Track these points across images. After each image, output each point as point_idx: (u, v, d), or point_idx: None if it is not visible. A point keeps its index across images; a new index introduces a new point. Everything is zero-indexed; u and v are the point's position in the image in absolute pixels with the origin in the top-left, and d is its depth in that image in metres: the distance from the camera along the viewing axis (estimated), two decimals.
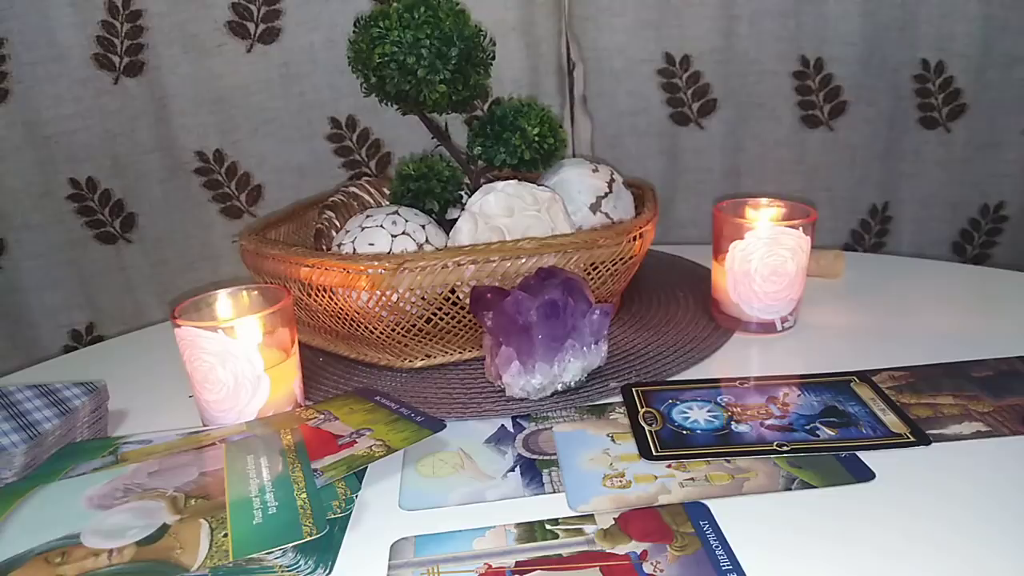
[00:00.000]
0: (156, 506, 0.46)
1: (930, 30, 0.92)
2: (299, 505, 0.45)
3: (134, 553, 0.42)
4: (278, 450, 0.51)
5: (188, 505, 0.46)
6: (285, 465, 0.49)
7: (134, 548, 0.42)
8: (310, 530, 0.43)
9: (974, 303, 0.74)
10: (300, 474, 0.48)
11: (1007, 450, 0.49)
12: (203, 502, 0.46)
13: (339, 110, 0.96)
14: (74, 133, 0.88)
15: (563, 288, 0.57)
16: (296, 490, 0.46)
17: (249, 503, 0.46)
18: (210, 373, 0.54)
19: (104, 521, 0.45)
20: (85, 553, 0.42)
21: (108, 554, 0.42)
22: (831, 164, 1.00)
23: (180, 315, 0.56)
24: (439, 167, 0.71)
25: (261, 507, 0.45)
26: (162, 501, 0.46)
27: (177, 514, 0.45)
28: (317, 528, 0.43)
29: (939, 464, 0.48)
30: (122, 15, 0.86)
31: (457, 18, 0.65)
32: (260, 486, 0.47)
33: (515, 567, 0.41)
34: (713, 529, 0.43)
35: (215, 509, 0.45)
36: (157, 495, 0.47)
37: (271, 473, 0.48)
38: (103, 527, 0.44)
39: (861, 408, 0.55)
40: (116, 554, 0.42)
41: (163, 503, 0.46)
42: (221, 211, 0.97)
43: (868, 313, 0.73)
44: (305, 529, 0.43)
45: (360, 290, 0.59)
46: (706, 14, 0.94)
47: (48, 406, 0.56)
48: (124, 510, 0.46)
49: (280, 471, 0.48)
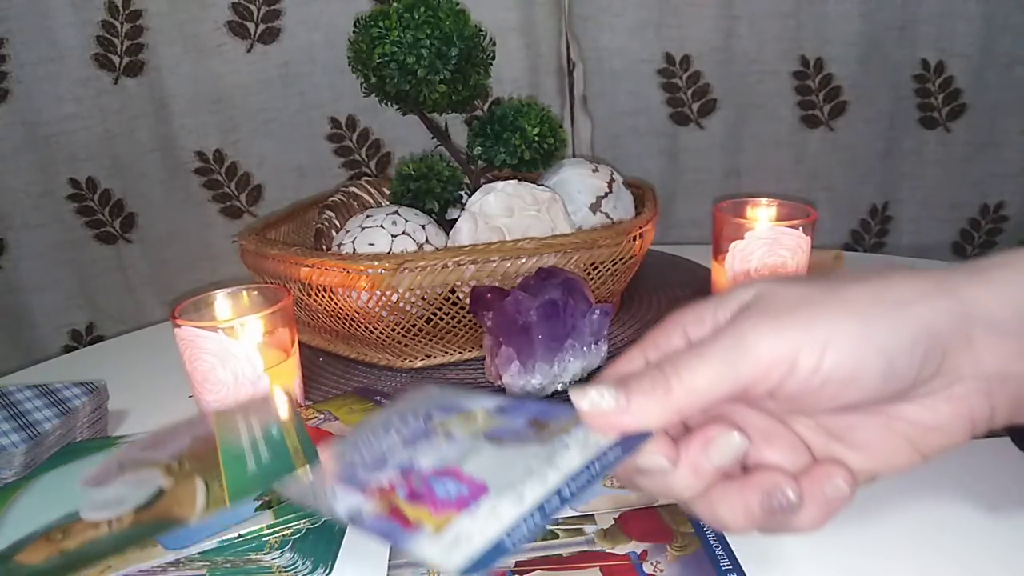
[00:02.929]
0: (151, 474, 0.46)
1: (930, 30, 0.92)
2: (291, 450, 0.45)
3: (132, 518, 0.42)
4: (269, 414, 0.50)
5: (183, 468, 0.46)
6: (277, 423, 0.49)
7: (132, 514, 0.43)
8: (303, 461, 0.42)
9: None
10: (291, 426, 0.48)
11: (1007, 450, 0.49)
12: (196, 463, 0.46)
13: (339, 110, 0.96)
14: (74, 133, 0.88)
15: (563, 288, 0.57)
16: (288, 440, 0.46)
17: (241, 452, 0.45)
18: (210, 373, 0.54)
19: (101, 495, 0.45)
20: (85, 527, 0.42)
21: (108, 524, 0.42)
22: (831, 164, 1.00)
23: (180, 315, 0.55)
24: (439, 167, 0.71)
25: (254, 456, 0.45)
26: (156, 469, 0.46)
27: (171, 477, 0.45)
28: (309, 461, 0.42)
29: (939, 464, 0.48)
30: (122, 15, 0.86)
31: (457, 18, 0.65)
32: (252, 440, 0.47)
33: (515, 567, 0.41)
34: (713, 529, 0.43)
35: (210, 468, 0.45)
36: (151, 464, 0.47)
37: (262, 430, 0.48)
38: (100, 500, 0.44)
39: None
40: (116, 522, 0.42)
41: (157, 470, 0.46)
42: (221, 211, 0.97)
43: None
44: (297, 462, 0.42)
45: (360, 290, 0.59)
46: (706, 14, 0.94)
47: (48, 406, 0.56)
48: (120, 483, 0.46)
49: (271, 425, 0.48)
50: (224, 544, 0.44)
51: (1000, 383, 0.28)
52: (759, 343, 0.27)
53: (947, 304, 0.27)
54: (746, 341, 0.27)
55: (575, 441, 0.28)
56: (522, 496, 0.26)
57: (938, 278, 0.28)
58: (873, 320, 0.27)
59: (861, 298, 0.28)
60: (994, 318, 0.27)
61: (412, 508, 0.28)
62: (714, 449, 0.28)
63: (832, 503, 0.29)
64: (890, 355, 0.27)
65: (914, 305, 0.27)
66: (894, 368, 0.27)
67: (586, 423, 0.29)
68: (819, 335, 0.27)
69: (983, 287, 0.28)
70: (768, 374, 0.27)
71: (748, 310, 0.29)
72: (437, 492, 0.28)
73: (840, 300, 0.28)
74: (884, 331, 0.27)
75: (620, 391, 0.28)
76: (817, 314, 0.27)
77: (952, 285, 0.28)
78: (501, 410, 0.32)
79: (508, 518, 0.25)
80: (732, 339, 0.28)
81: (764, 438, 0.30)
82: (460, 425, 0.32)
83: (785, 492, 0.28)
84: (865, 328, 0.27)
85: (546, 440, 0.29)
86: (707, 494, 0.29)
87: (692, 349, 0.28)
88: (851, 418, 0.30)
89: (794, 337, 0.27)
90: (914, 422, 0.29)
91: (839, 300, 0.28)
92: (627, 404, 0.28)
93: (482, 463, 0.29)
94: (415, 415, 0.36)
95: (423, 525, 0.26)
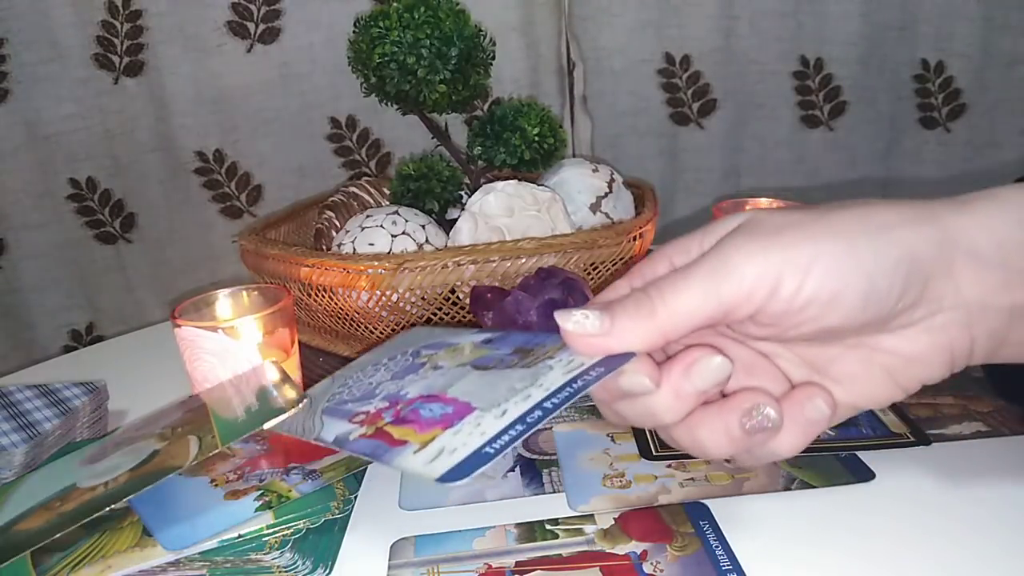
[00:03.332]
0: (146, 444, 0.47)
1: (930, 30, 0.92)
2: (279, 395, 0.46)
3: (128, 476, 0.43)
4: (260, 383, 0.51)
5: (175, 433, 0.46)
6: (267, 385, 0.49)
7: (128, 473, 0.43)
8: (289, 403, 0.43)
9: None
10: (280, 380, 0.48)
11: (1007, 450, 0.49)
12: (189, 426, 0.47)
13: (339, 110, 0.96)
14: (74, 133, 0.88)
15: (563, 288, 0.57)
16: (276, 389, 0.47)
17: (232, 409, 0.47)
18: (210, 373, 0.54)
19: (97, 467, 0.46)
20: (82, 492, 0.43)
21: (104, 485, 0.43)
22: (831, 164, 1.00)
23: (180, 315, 0.55)
24: (439, 167, 0.71)
25: (244, 409, 0.46)
26: (151, 439, 0.47)
27: (165, 441, 0.46)
28: (295, 402, 0.43)
29: (939, 464, 0.48)
30: (122, 15, 0.86)
31: (457, 18, 0.65)
32: (243, 400, 0.48)
33: (515, 567, 0.41)
34: (713, 529, 0.43)
35: (202, 427, 0.46)
36: (146, 437, 0.48)
37: (254, 392, 0.49)
38: (96, 471, 0.45)
39: None
40: (112, 483, 0.43)
41: (152, 440, 0.47)
42: (221, 211, 0.97)
43: None
44: (284, 404, 0.43)
45: (360, 290, 0.59)
46: (706, 14, 0.94)
47: (48, 406, 0.56)
48: (116, 455, 0.46)
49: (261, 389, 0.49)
50: (224, 544, 0.44)
51: (980, 314, 0.28)
52: (743, 264, 0.27)
53: (931, 231, 0.27)
54: (730, 263, 0.27)
55: (559, 363, 0.28)
56: (505, 411, 0.26)
57: (923, 206, 0.28)
58: (857, 242, 0.27)
59: (845, 221, 0.28)
60: (977, 248, 0.27)
61: (397, 429, 0.28)
62: (696, 372, 0.28)
63: (812, 425, 0.29)
64: (872, 277, 0.27)
65: (898, 229, 0.27)
66: (876, 290, 0.27)
67: (570, 346, 0.28)
68: (802, 255, 0.27)
69: (968, 216, 0.28)
70: (752, 295, 0.27)
71: (733, 234, 0.29)
72: (422, 414, 0.28)
73: (824, 223, 0.28)
74: (867, 252, 0.27)
75: (604, 313, 0.28)
76: (801, 236, 0.27)
77: (937, 214, 0.28)
78: (488, 342, 0.33)
79: (491, 430, 0.25)
80: (716, 261, 0.28)
81: (746, 370, 0.30)
82: (448, 357, 0.33)
83: (766, 411, 0.28)
84: (849, 249, 0.27)
85: (531, 365, 0.29)
86: (688, 420, 0.29)
87: (677, 272, 0.29)
88: (831, 350, 0.30)
89: (778, 258, 0.27)
90: (894, 353, 0.29)
91: (823, 223, 0.28)
92: (611, 326, 0.28)
93: (467, 387, 0.29)
94: (403, 353, 0.36)
95: (408, 442, 0.26)
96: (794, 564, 0.41)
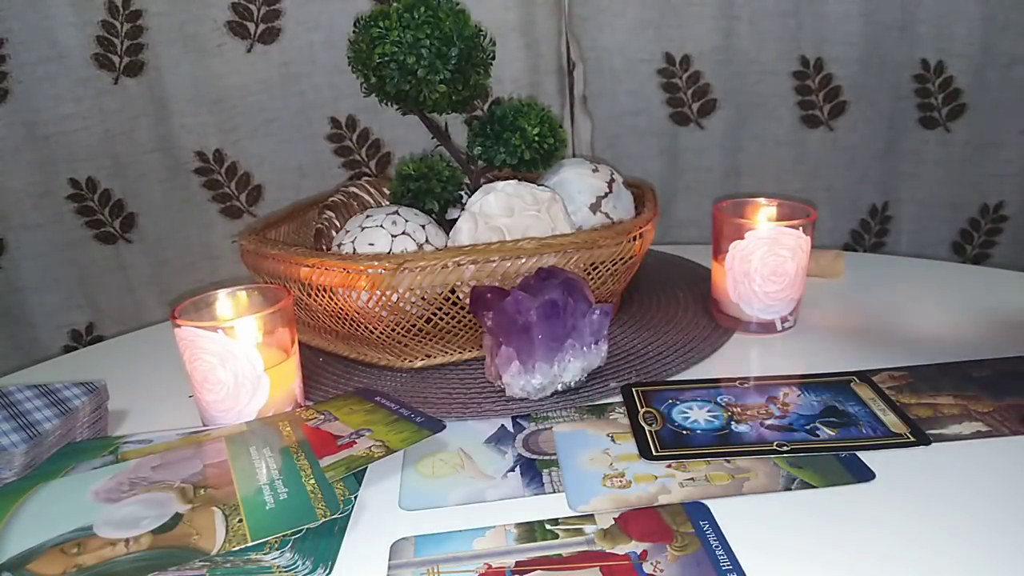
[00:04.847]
0: (165, 497, 0.47)
1: (930, 30, 0.92)
2: (309, 491, 0.46)
3: (151, 541, 0.43)
4: (280, 443, 0.51)
5: (197, 495, 0.46)
6: (289, 456, 0.50)
7: (151, 536, 0.43)
8: (324, 512, 0.44)
9: (974, 303, 0.74)
10: (306, 462, 0.49)
11: (1007, 450, 0.49)
12: (212, 491, 0.47)
13: (339, 110, 0.96)
14: (74, 133, 0.88)
15: (563, 288, 0.57)
16: (304, 477, 0.47)
17: (260, 490, 0.46)
18: (210, 373, 0.54)
19: (115, 513, 0.45)
20: (101, 543, 0.42)
21: (125, 543, 0.43)
22: (831, 164, 1.00)
23: (180, 315, 0.56)
24: (439, 167, 0.71)
25: (272, 493, 0.46)
26: (170, 492, 0.47)
27: (188, 503, 0.46)
28: (330, 510, 0.44)
29: (939, 464, 0.48)
30: (122, 15, 0.86)
31: (457, 18, 0.65)
32: (268, 474, 0.48)
33: (515, 567, 0.41)
34: (713, 529, 0.43)
35: (225, 497, 0.46)
36: (164, 487, 0.48)
37: (276, 463, 0.49)
38: (115, 518, 0.45)
39: (861, 408, 0.55)
40: (133, 543, 0.43)
41: (172, 494, 0.47)
42: (221, 211, 0.97)
43: (868, 313, 0.73)
44: (319, 511, 0.44)
45: (360, 290, 0.59)
46: (706, 14, 0.94)
47: (48, 406, 0.56)
48: (134, 502, 0.46)
49: (285, 461, 0.49)
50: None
51: None
52: None
53: None
54: None
55: None
56: None
57: None
58: None
59: None
60: None
61: None
62: None
63: None
64: None
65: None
66: None
67: None
68: None
69: None
70: None
71: None
72: None
73: None
74: None
75: None
76: None
77: None
78: None
79: None
80: None
81: None
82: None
83: None
84: None
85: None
86: None
87: None
88: None
89: None
90: None
91: None
92: None
93: None
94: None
95: None
96: (794, 564, 0.41)
